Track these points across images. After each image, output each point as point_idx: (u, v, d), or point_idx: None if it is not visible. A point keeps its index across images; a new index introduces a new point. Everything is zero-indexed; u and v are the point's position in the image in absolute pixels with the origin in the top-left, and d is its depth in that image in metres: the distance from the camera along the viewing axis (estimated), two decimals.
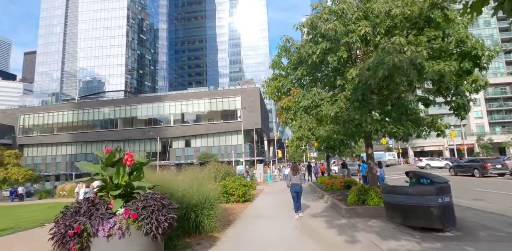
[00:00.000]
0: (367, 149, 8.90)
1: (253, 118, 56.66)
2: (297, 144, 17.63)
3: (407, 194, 5.73)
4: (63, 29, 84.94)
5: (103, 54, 73.83)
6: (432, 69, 4.85)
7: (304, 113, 6.88)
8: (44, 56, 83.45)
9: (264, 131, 69.53)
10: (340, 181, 13.00)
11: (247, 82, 67.76)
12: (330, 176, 17.58)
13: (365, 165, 17.14)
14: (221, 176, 13.02)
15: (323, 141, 16.83)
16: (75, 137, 65.62)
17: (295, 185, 7.74)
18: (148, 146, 63.14)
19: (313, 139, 17.88)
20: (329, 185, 13.00)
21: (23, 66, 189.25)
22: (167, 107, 61.46)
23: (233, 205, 10.02)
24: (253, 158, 56.02)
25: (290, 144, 18.35)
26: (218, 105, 59.44)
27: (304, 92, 6.97)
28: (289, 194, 8.28)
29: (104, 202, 3.73)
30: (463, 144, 49.52)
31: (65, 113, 66.59)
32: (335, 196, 10.56)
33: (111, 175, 3.78)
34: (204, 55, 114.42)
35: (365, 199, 8.14)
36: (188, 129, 60.04)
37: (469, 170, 20.87)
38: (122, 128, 63.67)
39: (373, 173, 8.87)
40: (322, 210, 8.70)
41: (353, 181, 12.96)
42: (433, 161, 33.26)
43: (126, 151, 4.08)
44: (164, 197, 3.84)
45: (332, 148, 17.33)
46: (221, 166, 14.02)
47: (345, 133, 6.66)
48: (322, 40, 6.16)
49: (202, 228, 5.64)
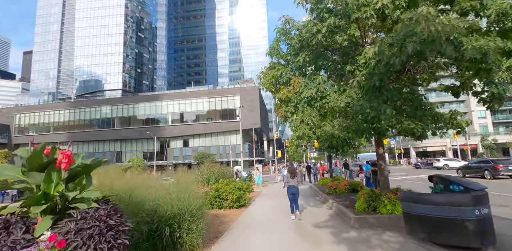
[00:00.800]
0: (378, 148, 7.80)
1: (253, 117, 55.63)
2: (297, 143, 16.54)
3: (435, 203, 4.63)
4: (60, 27, 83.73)
5: (100, 53, 72.66)
6: (473, 46, 3.76)
7: (306, 105, 5.78)
8: (40, 55, 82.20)
9: (264, 130, 68.48)
10: (344, 183, 11.91)
11: (247, 81, 66.75)
12: (332, 178, 16.49)
13: (368, 165, 16.18)
14: (215, 178, 11.90)
15: (325, 140, 15.71)
16: (71, 137, 64.45)
17: (292, 187, 7.71)
18: (146, 145, 62.10)
19: (314, 138, 16.78)
20: (332, 188, 11.92)
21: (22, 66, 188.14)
22: (165, 107, 60.42)
23: (226, 212, 8.93)
24: (252, 158, 54.90)
25: (289, 144, 17.27)
26: (217, 105, 58.41)
27: (306, 81, 5.88)
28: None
29: (29, 222, 2.64)
30: (466, 144, 48.41)
31: (61, 112, 65.58)
32: (340, 201, 9.46)
33: (38, 183, 2.70)
34: (204, 55, 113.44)
35: (376, 206, 7.05)
36: (186, 128, 58.97)
37: (478, 172, 19.80)
38: (119, 127, 62.61)
39: (385, 175, 7.77)
40: (326, 218, 7.60)
41: (358, 183, 11.87)
42: (452, 161, 31.99)
43: (65, 150, 2.99)
44: (113, 214, 2.73)
45: (334, 148, 16.22)
46: (215, 166, 12.90)
47: (357, 128, 5.55)
48: (328, 16, 5.07)
49: (181, 246, 4.54)
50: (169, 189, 5.10)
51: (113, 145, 63.64)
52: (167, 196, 4.87)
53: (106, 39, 72.92)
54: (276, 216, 8.15)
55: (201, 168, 12.14)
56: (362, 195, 7.77)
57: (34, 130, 67.99)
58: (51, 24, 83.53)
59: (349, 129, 5.57)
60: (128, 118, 63.10)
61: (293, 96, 5.97)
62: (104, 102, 64.36)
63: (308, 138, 15.95)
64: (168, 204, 4.58)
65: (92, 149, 64.58)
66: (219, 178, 13.10)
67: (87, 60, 73.24)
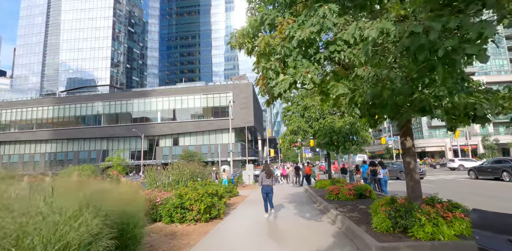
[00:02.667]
0: (404, 139, 5.37)
1: (246, 115, 53.24)
2: (291, 139, 14.10)
3: None
4: (45, 20, 79.86)
5: (87, 47, 69.33)
6: None
7: (301, 58, 3.29)
8: (24, 48, 78.23)
9: (258, 130, 66.07)
10: (348, 187, 9.46)
11: (240, 78, 64.29)
12: (332, 179, 14.09)
13: (366, 165, 13.91)
14: (185, 180, 9.37)
15: (324, 135, 13.25)
16: (55, 134, 61.41)
17: (266, 186, 7.74)
18: (134, 144, 59.34)
19: (311, 134, 14.36)
20: (334, 193, 9.48)
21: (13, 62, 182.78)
22: (154, 103, 57.70)
23: (190, 227, 6.42)
24: (244, 158, 52.40)
25: (282, 140, 14.83)
26: (209, 102, 55.90)
27: (303, 18, 3.42)
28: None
29: None
30: (467, 144, 46.57)
31: (44, 108, 62.42)
32: (347, 212, 7.02)
33: None
34: (198, 52, 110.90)
35: (407, 225, 4.63)
36: (176, 126, 56.29)
37: (494, 172, 17.59)
38: (106, 124, 59.67)
39: (417, 179, 5.33)
40: (330, 243, 5.11)
41: (366, 187, 9.44)
42: (467, 161, 29.65)
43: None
44: None
45: (334, 145, 13.84)
46: (187, 165, 10.38)
47: (400, 91, 2.94)
48: None
49: None
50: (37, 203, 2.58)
51: (99, 143, 60.66)
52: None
53: (93, 33, 69.59)
54: (259, 237, 5.65)
55: (169, 168, 9.61)
56: (381, 206, 5.33)
57: (17, 127, 64.55)
58: (36, 17, 79.56)
59: (383, 90, 2.97)
60: (116, 116, 60.17)
61: (278, 44, 3.50)
62: (90, 99, 61.37)
63: (303, 133, 13.54)
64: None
65: (77, 147, 61.49)
66: (194, 179, 10.59)
67: (73, 55, 69.81)
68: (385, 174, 11.71)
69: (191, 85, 62.23)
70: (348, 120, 13.03)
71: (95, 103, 59.95)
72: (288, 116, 14.61)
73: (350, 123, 12.89)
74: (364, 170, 13.54)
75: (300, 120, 13.49)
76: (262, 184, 7.77)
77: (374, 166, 12.16)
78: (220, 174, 19.36)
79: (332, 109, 13.69)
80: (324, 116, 13.39)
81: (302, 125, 13.13)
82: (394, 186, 14.32)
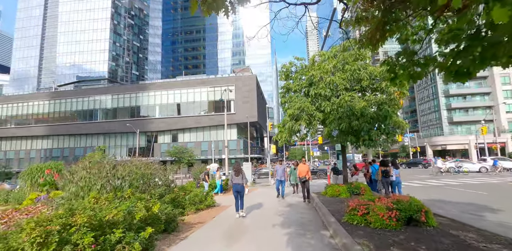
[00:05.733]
0: None
1: (249, 110, 49.29)
2: (290, 127, 10.08)
3: None
4: (42, 12, 77.17)
5: (85, 39, 66.30)
6: None
7: None
8: (21, 41, 75.73)
9: (263, 126, 62.01)
10: (385, 203, 5.35)
11: (243, 70, 60.28)
12: (348, 185, 10.06)
13: (376, 165, 11.29)
14: (105, 186, 5.48)
15: (339, 120, 9.14)
16: (51, 130, 58.92)
17: (236, 184, 7.76)
18: (131, 140, 56.22)
19: (319, 119, 10.34)
20: (359, 211, 5.44)
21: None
22: (152, 97, 54.37)
23: None
24: (247, 156, 48.51)
25: (280, 128, 10.81)
26: (210, 95, 52.19)
27: None
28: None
29: None
30: (495, 141, 41.35)
31: (40, 103, 60.01)
32: None
33: None
34: (203, 47, 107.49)
35: None
36: (175, 122, 52.84)
37: None
38: (103, 119, 56.70)
39: None
40: None
41: (420, 208, 5.31)
42: (505, 161, 24.88)
43: None
44: None
45: (353, 134, 9.75)
46: (124, 165, 6.53)
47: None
48: None
49: None
50: None
51: (96, 140, 57.82)
52: None
53: (91, 25, 66.48)
54: None
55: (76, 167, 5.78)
56: None
57: (13, 122, 62.34)
58: (33, 9, 76.97)
59: None
60: (113, 110, 57.09)
61: None
62: (87, 93, 58.52)
63: (308, 118, 9.44)
64: None
65: (73, 144, 58.83)
66: (149, 184, 6.71)
67: (70, 47, 66.84)
68: (397, 175, 9.85)
69: (191, 78, 58.59)
70: (374, 99, 8.91)
71: (91, 97, 57.17)
72: (288, 98, 10.53)
73: (378, 103, 8.78)
74: (374, 171, 11.14)
75: (303, 101, 9.42)
76: (233, 183, 7.88)
77: (386, 166, 9.63)
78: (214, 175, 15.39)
79: (351, 84, 9.58)
80: (338, 93, 9.31)
81: (307, 106, 9.06)
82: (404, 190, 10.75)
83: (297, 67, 10.87)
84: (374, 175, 11.61)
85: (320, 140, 47.41)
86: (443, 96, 55.65)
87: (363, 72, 9.26)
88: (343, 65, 9.62)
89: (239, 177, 7.83)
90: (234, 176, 7.90)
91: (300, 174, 10.15)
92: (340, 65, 9.63)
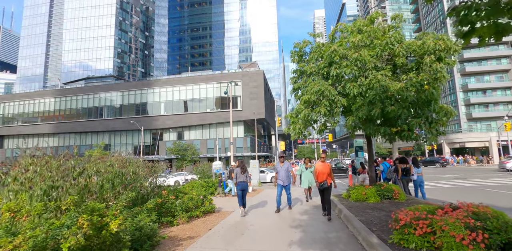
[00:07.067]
0: None
1: (256, 107, 47.54)
2: (306, 116, 8.23)
3: None
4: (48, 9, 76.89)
5: (90, 36, 65.56)
6: None
7: None
8: (28, 39, 75.78)
9: (271, 124, 60.20)
10: (461, 218, 3.57)
11: (250, 65, 58.50)
12: (377, 186, 8.25)
13: (386, 163, 11.09)
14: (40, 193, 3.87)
15: (368, 105, 6.97)
16: (56, 128, 58.48)
17: (241, 182, 7.52)
18: (136, 138, 55.24)
19: (342, 105, 8.42)
20: (419, 228, 3.67)
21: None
22: (157, 94, 53.15)
23: None
24: (254, 153, 46.83)
25: (292, 119, 9.04)
26: (216, 92, 50.59)
27: None
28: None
29: None
30: None
31: (46, 101, 59.61)
32: None
33: None
34: (209, 44, 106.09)
35: None
36: (180, 119, 51.50)
37: None
38: (108, 117, 55.86)
39: None
40: None
41: (506, 220, 3.55)
42: None
43: None
44: None
45: (386, 124, 7.59)
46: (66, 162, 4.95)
47: None
48: None
49: None
50: None
51: (101, 137, 57.06)
52: None
53: (96, 21, 65.68)
54: None
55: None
56: None
57: (20, 120, 62.22)
58: (39, 6, 76.85)
59: None
60: (119, 108, 56.18)
61: None
62: (92, 90, 57.73)
63: (330, 104, 7.60)
64: None
65: (78, 142, 58.24)
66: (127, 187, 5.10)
67: (76, 44, 66.22)
68: (420, 173, 9.25)
69: (196, 74, 57.13)
70: (415, 78, 7.00)
71: (96, 95, 56.41)
72: (302, 83, 8.71)
73: (421, 83, 6.91)
74: (386, 168, 10.67)
75: (322, 83, 7.60)
76: (237, 181, 7.60)
77: (405, 163, 8.99)
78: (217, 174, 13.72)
79: (381, 61, 7.75)
80: (366, 73, 7.47)
81: (327, 89, 7.25)
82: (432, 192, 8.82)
83: (313, 46, 9.08)
84: (385, 174, 10.66)
85: (330, 137, 45.45)
86: (461, 91, 52.76)
87: (397, 46, 7.41)
88: (371, 40, 7.78)
89: (244, 174, 7.62)
90: (240, 174, 7.59)
91: (318, 176, 6.69)
92: (368, 40, 7.77)
